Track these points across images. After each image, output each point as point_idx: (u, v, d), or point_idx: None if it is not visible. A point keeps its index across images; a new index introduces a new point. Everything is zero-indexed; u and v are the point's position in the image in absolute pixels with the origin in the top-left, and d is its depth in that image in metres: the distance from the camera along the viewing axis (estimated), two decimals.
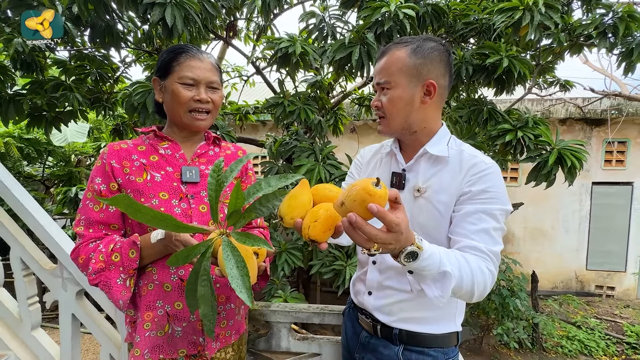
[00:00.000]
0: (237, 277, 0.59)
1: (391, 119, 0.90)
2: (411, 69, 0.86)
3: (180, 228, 0.64)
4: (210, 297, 0.66)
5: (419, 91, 0.87)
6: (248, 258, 0.76)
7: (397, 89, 0.87)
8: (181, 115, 0.97)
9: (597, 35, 2.24)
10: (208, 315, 0.66)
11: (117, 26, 2.47)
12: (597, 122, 5.26)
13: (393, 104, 0.88)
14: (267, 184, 0.68)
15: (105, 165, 0.95)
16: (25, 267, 1.55)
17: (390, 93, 0.88)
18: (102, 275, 0.90)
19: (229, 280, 0.59)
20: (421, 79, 0.86)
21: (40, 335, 1.56)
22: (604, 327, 4.32)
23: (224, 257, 0.62)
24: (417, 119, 0.90)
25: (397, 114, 0.89)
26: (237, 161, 0.71)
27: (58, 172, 4.96)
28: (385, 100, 0.89)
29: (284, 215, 0.69)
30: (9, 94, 2.55)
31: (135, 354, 0.94)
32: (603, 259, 5.39)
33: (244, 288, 0.58)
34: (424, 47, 0.86)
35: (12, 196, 1.48)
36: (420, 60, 0.86)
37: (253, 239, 0.63)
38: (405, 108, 0.88)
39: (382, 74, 0.90)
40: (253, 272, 0.77)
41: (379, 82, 0.90)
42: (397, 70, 0.87)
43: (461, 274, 0.71)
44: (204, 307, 0.66)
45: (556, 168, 2.01)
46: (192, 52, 0.97)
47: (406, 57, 0.86)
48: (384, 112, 0.91)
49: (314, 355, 1.38)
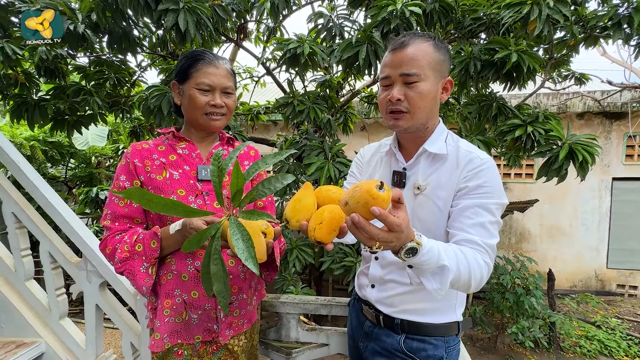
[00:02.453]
0: (243, 249, 0.64)
1: (417, 113, 0.86)
2: (438, 64, 0.86)
3: (189, 213, 0.70)
4: (222, 275, 0.71)
5: (439, 87, 0.88)
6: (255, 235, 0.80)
7: (427, 82, 0.84)
8: (198, 117, 1.05)
9: (612, 26, 2.19)
10: (222, 292, 0.70)
11: (133, 32, 2.57)
12: (617, 116, 5.08)
13: (422, 97, 0.85)
14: (263, 162, 0.74)
15: (129, 163, 1.03)
16: (53, 260, 1.66)
17: (421, 86, 0.84)
18: (127, 264, 0.98)
19: (236, 253, 0.64)
20: (443, 75, 0.88)
21: (67, 324, 1.67)
22: (625, 327, 4.19)
23: (231, 233, 0.66)
24: (432, 115, 0.91)
25: (423, 108, 0.86)
26: (235, 150, 0.77)
27: (80, 174, 5.18)
28: (413, 94, 0.84)
29: (290, 219, 0.73)
30: (34, 99, 2.69)
31: (155, 338, 1.02)
32: (625, 257, 5.21)
33: (249, 257, 0.63)
34: (441, 45, 0.87)
35: (41, 195, 1.59)
36: (443, 56, 0.87)
37: (257, 214, 0.68)
38: (431, 103, 0.87)
39: (409, 65, 0.84)
40: (261, 248, 0.80)
41: (407, 72, 0.84)
42: (427, 63, 0.84)
43: (459, 266, 0.73)
44: (217, 284, 0.70)
45: (567, 163, 1.98)
46: (208, 59, 1.04)
47: (433, 51, 0.85)
48: (408, 106, 0.86)
49: (322, 345, 1.43)
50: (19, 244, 1.69)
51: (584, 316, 4.50)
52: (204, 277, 0.72)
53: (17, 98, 2.64)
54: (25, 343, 1.63)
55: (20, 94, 2.66)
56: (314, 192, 0.76)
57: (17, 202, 1.66)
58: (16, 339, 1.66)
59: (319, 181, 2.45)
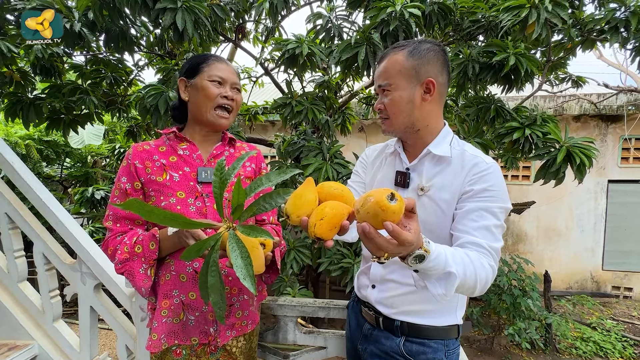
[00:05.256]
0: (241, 266, 0.64)
1: (394, 119, 0.94)
2: (409, 70, 0.89)
3: (189, 225, 0.68)
4: (219, 287, 0.70)
5: (419, 90, 0.90)
6: (253, 249, 0.80)
7: (398, 90, 0.91)
8: (207, 111, 1.05)
9: (609, 30, 2.20)
10: (218, 303, 0.70)
11: (131, 31, 2.55)
12: (613, 119, 5.12)
13: (394, 104, 0.92)
14: (267, 179, 0.72)
15: (130, 165, 1.03)
16: (47, 261, 1.63)
17: (392, 95, 0.92)
18: (127, 265, 0.98)
19: (234, 270, 0.64)
20: (420, 78, 0.89)
21: (61, 326, 1.65)
22: (620, 328, 4.22)
23: (230, 248, 0.66)
24: (419, 117, 0.92)
25: (399, 113, 0.92)
26: (238, 159, 0.76)
27: (75, 173, 5.14)
28: (387, 102, 0.93)
29: (290, 214, 0.72)
30: (29, 98, 2.66)
31: (153, 338, 1.01)
32: (620, 259, 5.25)
33: (247, 276, 0.63)
34: (420, 49, 0.90)
35: (35, 195, 1.57)
36: (418, 61, 0.89)
37: (257, 230, 0.67)
38: (407, 107, 0.91)
39: (382, 77, 0.94)
40: (259, 261, 0.81)
41: (380, 85, 0.94)
42: (396, 72, 0.91)
43: (465, 272, 0.73)
44: (214, 295, 0.70)
45: (565, 166, 1.99)
46: (219, 57, 1.09)
47: (404, 60, 0.90)
48: (387, 114, 0.94)
49: (320, 348, 1.42)
50: (12, 245, 1.67)
51: (580, 317, 4.53)
52: (202, 285, 0.71)
53: (12, 96, 2.61)
54: (18, 345, 1.60)
55: (15, 93, 2.63)
56: (315, 188, 0.75)
57: (10, 203, 1.63)
58: (9, 341, 1.64)
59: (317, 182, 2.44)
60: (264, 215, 1.19)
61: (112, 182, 4.77)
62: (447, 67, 0.94)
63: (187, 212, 1.00)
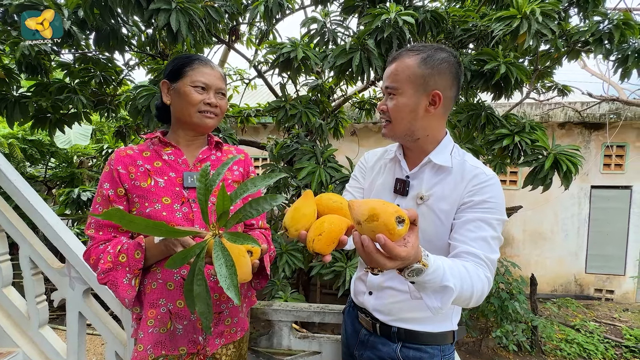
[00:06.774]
0: (225, 276, 0.62)
1: (395, 124, 0.93)
2: (419, 78, 0.88)
3: (172, 233, 0.66)
4: (205, 296, 0.69)
5: (424, 100, 0.89)
6: (240, 256, 0.79)
7: (403, 96, 0.89)
8: (191, 115, 1.02)
9: (593, 41, 2.29)
10: (204, 312, 0.69)
11: (122, 30, 2.51)
12: (595, 126, 5.30)
13: (398, 110, 0.91)
14: (252, 184, 0.71)
15: (112, 171, 0.99)
16: (33, 265, 1.58)
17: (397, 99, 0.90)
18: (110, 275, 0.94)
19: (218, 279, 0.62)
20: (427, 88, 0.88)
21: (47, 332, 1.60)
22: (602, 330, 4.34)
23: (214, 257, 0.64)
24: (420, 127, 0.92)
25: (401, 119, 0.91)
26: (223, 164, 0.74)
27: (60, 174, 5.00)
28: (391, 106, 0.92)
29: (289, 227, 0.72)
30: (14, 96, 2.59)
31: (138, 350, 0.98)
32: (602, 262, 5.41)
33: (231, 286, 0.61)
34: (434, 58, 0.88)
35: (21, 196, 1.52)
36: (429, 70, 0.87)
37: (243, 237, 0.66)
38: (409, 115, 0.90)
39: (390, 79, 0.92)
40: (245, 269, 0.79)
41: (388, 86, 0.92)
42: (405, 78, 0.89)
43: (462, 285, 0.72)
44: (200, 305, 0.68)
45: (552, 172, 2.04)
46: (204, 60, 1.04)
47: (415, 66, 0.88)
48: (389, 117, 0.93)
49: (315, 354, 1.42)
50: None
51: (564, 320, 4.64)
52: (187, 294, 0.70)
53: None
54: (1, 353, 1.54)
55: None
56: (314, 201, 0.75)
57: None
58: None
59: (310, 186, 2.44)
60: (253, 220, 1.16)
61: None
62: (459, 81, 0.92)
63: (174, 219, 0.97)
